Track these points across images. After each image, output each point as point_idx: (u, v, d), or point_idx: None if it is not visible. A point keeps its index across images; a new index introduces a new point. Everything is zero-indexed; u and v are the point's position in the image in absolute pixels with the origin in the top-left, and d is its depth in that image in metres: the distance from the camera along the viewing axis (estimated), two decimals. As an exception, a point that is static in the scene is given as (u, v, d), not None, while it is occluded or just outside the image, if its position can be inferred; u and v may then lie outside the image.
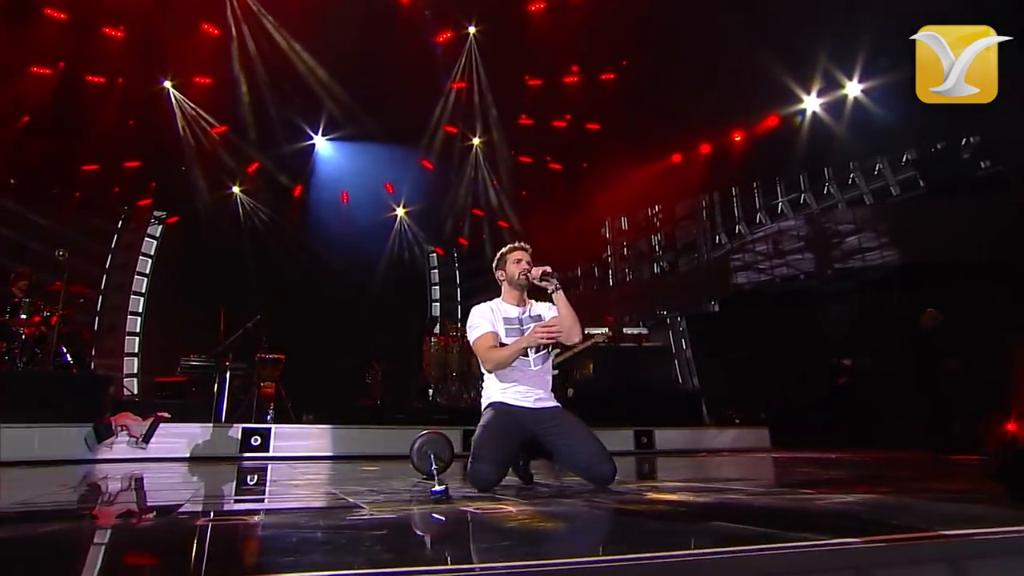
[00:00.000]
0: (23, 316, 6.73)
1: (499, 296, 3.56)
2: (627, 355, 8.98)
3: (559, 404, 3.39)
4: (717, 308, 13.03)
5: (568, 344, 3.30)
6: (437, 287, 16.77)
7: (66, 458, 5.75)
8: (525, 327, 3.34)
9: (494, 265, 3.53)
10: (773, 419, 8.50)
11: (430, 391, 9.13)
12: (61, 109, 9.60)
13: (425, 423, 6.66)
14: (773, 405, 8.81)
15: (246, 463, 6.27)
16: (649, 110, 10.87)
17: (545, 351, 3.40)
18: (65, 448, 5.82)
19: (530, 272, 3.33)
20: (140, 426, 6.35)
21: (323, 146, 12.80)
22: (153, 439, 6.35)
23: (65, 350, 6.97)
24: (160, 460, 6.18)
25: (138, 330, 13.06)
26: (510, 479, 3.39)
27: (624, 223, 15.81)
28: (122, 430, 6.26)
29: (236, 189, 13.22)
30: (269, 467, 5.66)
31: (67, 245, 11.36)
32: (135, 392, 11.02)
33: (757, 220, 13.29)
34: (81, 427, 5.99)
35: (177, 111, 10.99)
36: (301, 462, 6.33)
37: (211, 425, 6.73)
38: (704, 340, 12.48)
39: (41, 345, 6.73)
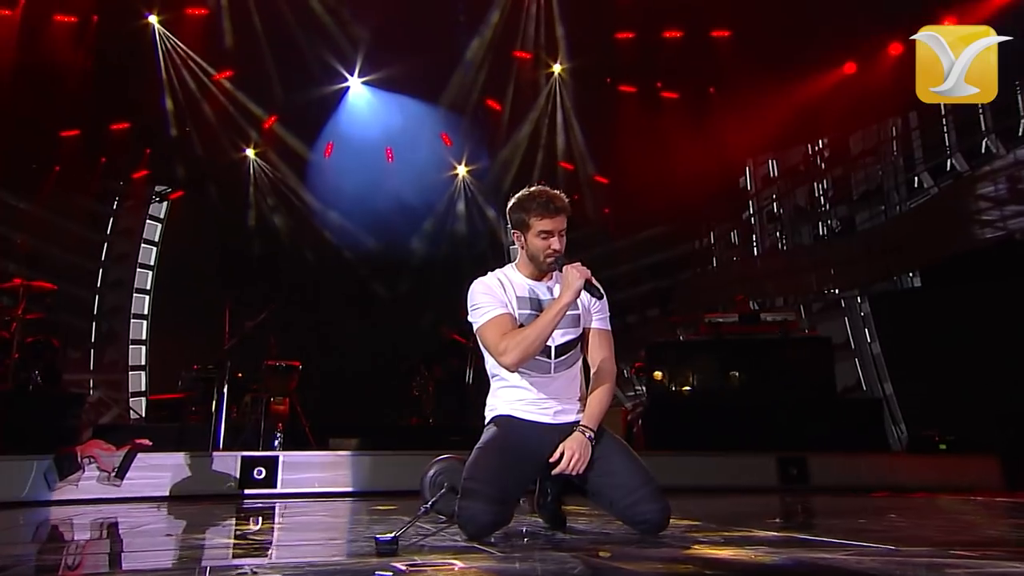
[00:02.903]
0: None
1: (512, 263, 3.45)
2: (766, 350, 8.74)
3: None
4: (918, 282, 12.52)
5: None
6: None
7: (19, 499, 6.01)
8: None
9: (508, 214, 3.37)
10: (1007, 446, 7.91)
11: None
12: (26, 58, 10.13)
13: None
14: (1006, 425, 8.23)
15: (247, 502, 6.40)
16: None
17: (574, 344, 3.30)
18: (17, 487, 6.05)
19: (559, 262, 3.20)
20: (112, 457, 6.54)
21: (359, 91, 13.01)
22: (129, 473, 6.51)
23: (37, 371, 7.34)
24: (138, 500, 6.36)
25: (144, 337, 13.78)
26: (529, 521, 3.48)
27: (772, 168, 15.31)
28: (90, 463, 6.46)
29: (250, 152, 13.62)
30: (276, 508, 5.77)
31: (48, 233, 12.38)
32: (143, 416, 11.58)
33: (981, 148, 12.35)
34: (41, 460, 6.22)
35: (166, 53, 11.41)
36: (319, 501, 6.40)
37: (203, 455, 6.91)
38: (897, 329, 11.96)
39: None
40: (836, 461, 7.62)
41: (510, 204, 3.35)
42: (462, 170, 14.84)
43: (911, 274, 12.57)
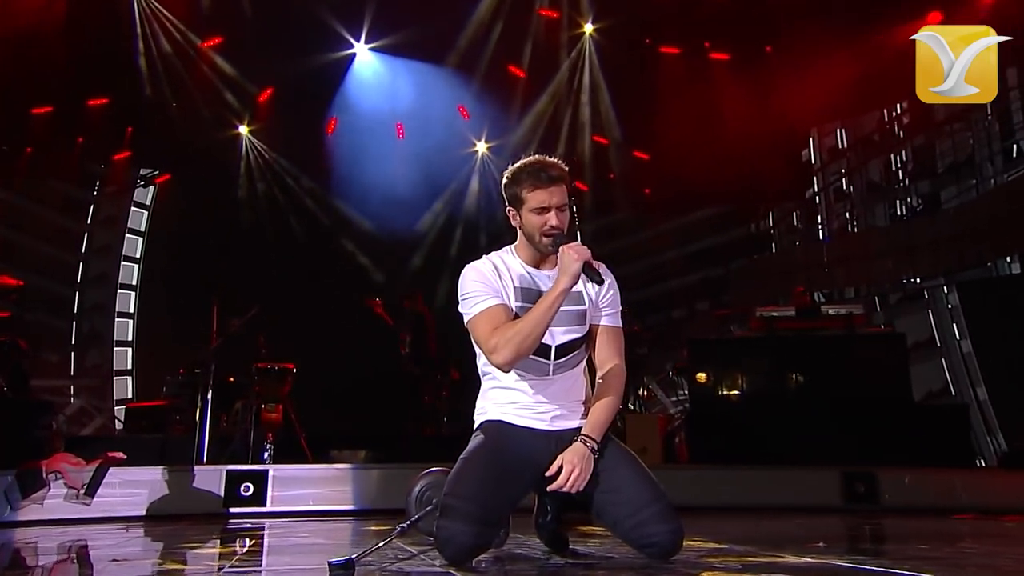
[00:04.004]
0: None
1: (511, 245, 3.39)
2: (828, 348, 8.62)
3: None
4: (1016, 268, 12.51)
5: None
6: None
7: (-23, 520, 6.11)
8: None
9: (503, 191, 3.31)
10: None
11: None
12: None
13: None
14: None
15: (232, 522, 6.41)
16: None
17: (578, 343, 3.26)
18: (-27, 506, 6.16)
19: (558, 241, 3.14)
20: (81, 473, 6.59)
21: (366, 59, 13.05)
22: (100, 490, 6.57)
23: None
24: (110, 520, 6.42)
25: (130, 338, 13.97)
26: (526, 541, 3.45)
27: (841, 137, 15.26)
28: (56, 479, 6.53)
29: (243, 130, 13.71)
30: (266, 528, 5.75)
31: (21, 221, 12.59)
32: (123, 426, 11.71)
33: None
34: (1, 475, 6.29)
35: (145, 18, 11.54)
36: (314, 520, 6.42)
37: (183, 469, 6.95)
38: (991, 323, 11.86)
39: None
40: (912, 477, 7.44)
41: (504, 179, 3.29)
42: (482, 147, 14.83)
43: (1007, 259, 12.49)
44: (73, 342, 13.74)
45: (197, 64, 12.10)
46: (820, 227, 15.40)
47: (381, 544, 3.13)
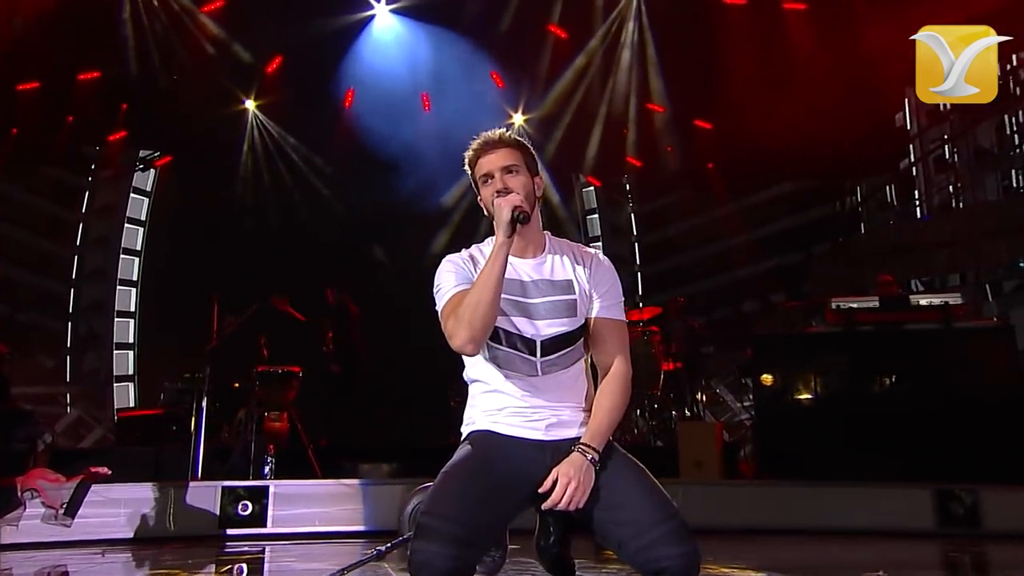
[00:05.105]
0: None
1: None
2: (920, 344, 8.47)
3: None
4: None
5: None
6: (599, 244, 16.77)
7: (-55, 543, 6.22)
8: (536, 298, 3.24)
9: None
10: None
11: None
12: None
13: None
14: None
15: (228, 546, 6.45)
16: None
17: (569, 339, 3.22)
18: (-58, 528, 6.28)
19: (505, 208, 3.12)
20: (60, 490, 6.64)
21: (386, 22, 13.04)
22: (82, 509, 6.61)
23: None
24: (92, 543, 6.54)
25: (131, 340, 14.16)
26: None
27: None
28: (32, 497, 6.59)
29: (250, 104, 13.83)
30: (265, 553, 5.89)
31: (8, 210, 12.78)
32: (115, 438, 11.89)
33: None
34: (-27, 494, 6.42)
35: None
36: (319, 543, 6.45)
37: (175, 485, 6.98)
38: None
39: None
40: (1022, 497, 7.33)
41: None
42: (519, 118, 14.82)
43: None
44: (68, 345, 13.94)
45: (197, 32, 12.18)
46: (918, 203, 15.20)
47: (348, 568, 3.08)
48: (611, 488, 3.06)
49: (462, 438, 3.31)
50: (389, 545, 3.34)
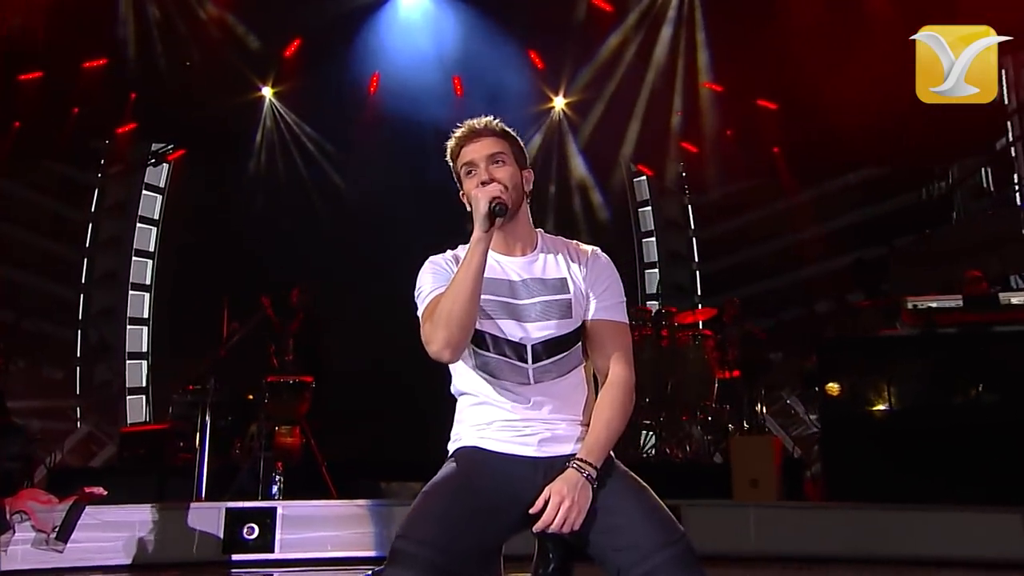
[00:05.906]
0: None
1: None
2: (1012, 349, 8.28)
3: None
4: None
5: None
6: (652, 239, 16.84)
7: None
8: (526, 298, 3.26)
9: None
10: None
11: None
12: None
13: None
14: None
15: (233, 573, 6.63)
16: None
17: (563, 344, 3.22)
18: (-76, 553, 6.42)
19: (483, 199, 3.12)
20: (52, 512, 6.70)
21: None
22: (75, 533, 6.68)
23: None
24: (86, 571, 6.65)
25: (145, 348, 14.34)
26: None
27: None
28: (21, 520, 6.66)
29: (267, 91, 13.98)
30: None
31: (10, 210, 12.99)
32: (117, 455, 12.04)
33: None
34: (-40, 518, 6.50)
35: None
36: (331, 570, 6.64)
37: (175, 507, 7.06)
38: None
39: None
40: None
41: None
42: (560, 102, 14.96)
43: None
44: (79, 354, 14.11)
45: (210, 12, 12.28)
46: (1017, 188, 14.73)
47: None
48: (607, 511, 3.05)
49: (448, 455, 3.31)
50: (375, 570, 3.29)
